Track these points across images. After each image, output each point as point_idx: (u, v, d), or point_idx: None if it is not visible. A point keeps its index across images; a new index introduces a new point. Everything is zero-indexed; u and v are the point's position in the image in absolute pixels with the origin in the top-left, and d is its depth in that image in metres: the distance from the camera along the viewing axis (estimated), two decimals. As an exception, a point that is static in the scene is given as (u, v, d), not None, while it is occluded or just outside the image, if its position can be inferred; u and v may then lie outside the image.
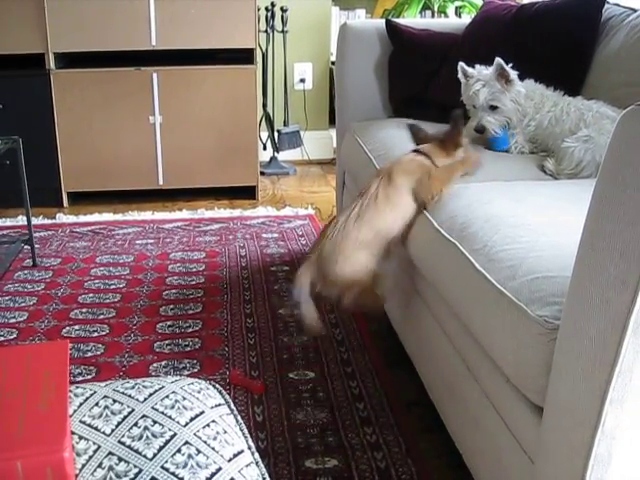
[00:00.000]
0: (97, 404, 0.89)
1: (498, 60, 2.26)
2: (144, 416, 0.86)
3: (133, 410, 0.87)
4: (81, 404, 0.89)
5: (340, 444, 1.79)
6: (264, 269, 2.88)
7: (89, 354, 2.18)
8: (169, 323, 2.39)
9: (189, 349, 2.22)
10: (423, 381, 1.89)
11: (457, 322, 1.56)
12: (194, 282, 2.73)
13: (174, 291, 2.65)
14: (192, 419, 0.88)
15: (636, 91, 2.19)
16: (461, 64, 2.33)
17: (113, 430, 0.84)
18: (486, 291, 1.37)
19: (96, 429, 0.84)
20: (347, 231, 1.81)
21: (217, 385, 1.02)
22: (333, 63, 4.64)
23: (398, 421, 1.88)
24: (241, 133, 3.71)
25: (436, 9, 4.21)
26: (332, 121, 4.79)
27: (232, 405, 0.98)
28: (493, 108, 2.29)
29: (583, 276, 1.04)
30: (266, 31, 4.12)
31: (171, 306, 2.52)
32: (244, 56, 3.62)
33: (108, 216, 3.50)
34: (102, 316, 2.43)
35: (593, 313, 1.01)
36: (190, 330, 2.35)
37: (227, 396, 1.00)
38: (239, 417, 0.96)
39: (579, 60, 2.41)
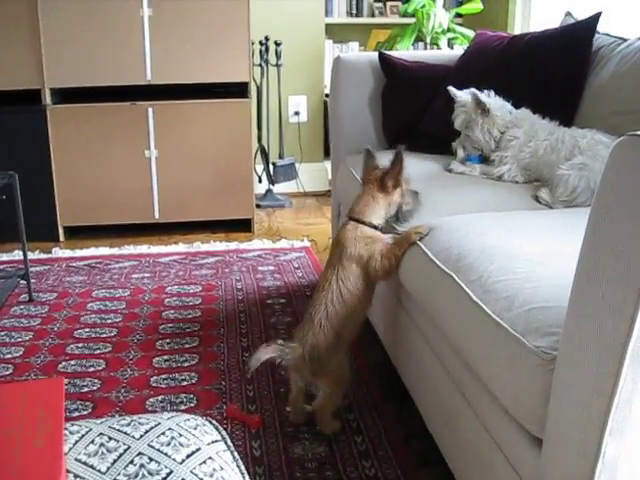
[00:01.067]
0: (93, 442, 0.88)
1: (472, 91, 2.32)
2: (140, 453, 0.85)
3: (129, 447, 0.86)
4: (76, 442, 0.88)
5: (339, 478, 1.77)
6: (260, 302, 2.87)
7: (85, 389, 2.17)
8: (165, 357, 2.38)
9: (186, 383, 2.21)
10: (422, 414, 1.88)
11: (454, 354, 1.56)
12: (190, 316, 2.73)
13: (170, 325, 2.64)
14: (188, 456, 0.87)
15: (629, 119, 2.21)
16: (450, 88, 2.38)
17: (109, 468, 0.83)
18: (483, 322, 1.37)
19: (92, 467, 0.83)
20: (326, 336, 1.85)
21: (214, 421, 1.01)
22: (327, 95, 4.71)
23: (397, 454, 1.87)
24: (236, 166, 3.73)
25: (429, 41, 4.25)
26: (327, 153, 4.83)
27: (229, 441, 0.97)
28: (468, 136, 2.40)
29: (579, 306, 1.04)
30: (260, 65, 4.16)
31: (167, 340, 2.51)
32: (239, 90, 3.65)
33: (104, 250, 3.50)
34: (98, 351, 2.42)
35: (590, 343, 1.00)
36: (187, 364, 2.33)
37: (224, 432, 0.99)
38: (236, 453, 0.95)
39: (571, 90, 2.43)
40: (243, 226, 3.85)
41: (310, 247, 3.58)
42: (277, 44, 4.15)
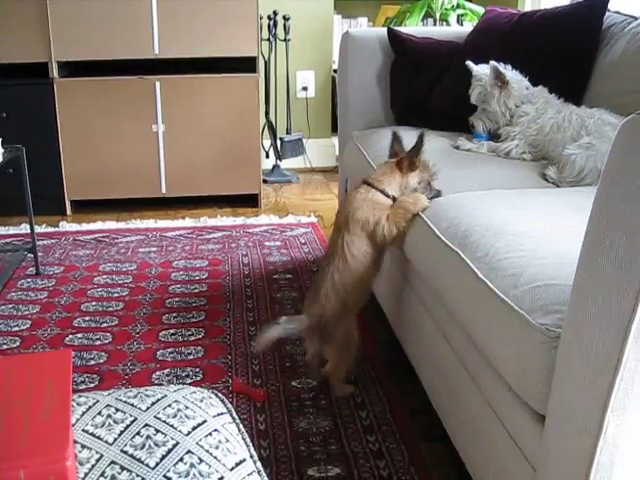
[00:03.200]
0: (100, 413, 0.89)
1: (492, 64, 2.32)
2: (146, 425, 0.86)
3: (135, 419, 0.88)
4: (84, 413, 0.89)
5: (343, 452, 1.79)
6: (267, 277, 2.88)
7: (92, 362, 2.18)
8: (172, 331, 2.39)
9: (192, 357, 2.23)
10: (426, 389, 1.89)
11: (459, 330, 1.57)
12: (197, 290, 2.74)
13: (177, 299, 2.65)
14: (194, 428, 0.88)
15: (636, 99, 2.19)
16: (468, 63, 2.38)
17: (116, 439, 0.84)
18: (488, 299, 1.38)
19: (99, 438, 0.84)
20: (332, 305, 1.88)
21: (219, 394, 1.02)
22: (335, 71, 4.68)
23: (401, 429, 1.88)
24: (244, 141, 3.72)
25: (438, 17, 4.22)
26: (334, 129, 4.80)
27: (234, 414, 0.98)
28: (484, 109, 2.39)
29: (584, 284, 1.04)
30: (268, 39, 4.14)
31: (174, 314, 2.52)
32: (247, 64, 3.64)
33: (111, 224, 3.51)
34: (105, 324, 2.44)
35: (594, 321, 1.01)
36: (193, 338, 2.35)
37: (229, 405, 1.00)
38: (241, 426, 0.96)
39: (581, 68, 2.41)
40: (250, 201, 3.85)
41: (317, 223, 3.58)
42: (285, 19, 4.13)
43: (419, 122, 2.69)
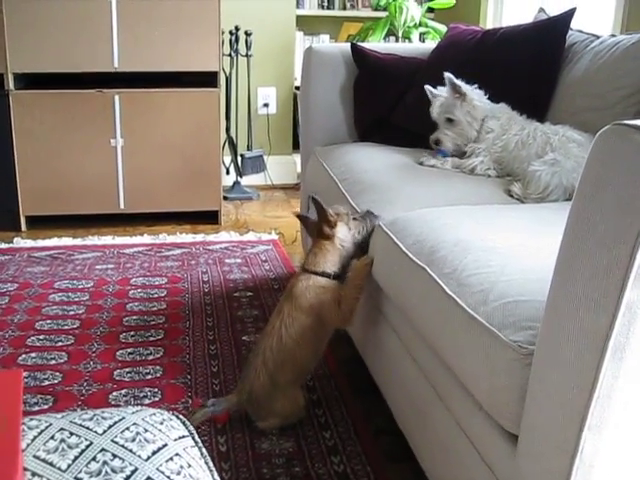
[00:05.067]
0: (53, 437, 0.83)
1: (447, 75, 2.30)
2: (103, 450, 0.81)
3: (91, 443, 0.82)
4: (35, 437, 0.83)
5: (307, 474, 1.73)
6: (227, 295, 2.83)
7: (46, 382, 2.10)
8: (129, 350, 2.32)
9: (150, 377, 2.16)
10: (391, 408, 1.85)
11: (427, 348, 1.53)
12: (155, 308, 2.67)
13: (135, 317, 2.58)
14: (154, 452, 0.82)
15: (601, 115, 2.20)
16: (427, 87, 2.35)
17: (69, 465, 0.78)
18: (457, 316, 1.35)
19: (51, 464, 0.78)
20: (262, 382, 1.83)
21: (180, 416, 0.97)
22: (297, 88, 4.67)
23: (366, 450, 1.84)
24: (204, 157, 3.67)
25: (400, 35, 4.22)
26: (296, 146, 4.79)
27: (196, 437, 0.93)
28: (449, 121, 2.36)
29: (559, 299, 1.01)
30: (230, 55, 4.10)
31: (132, 333, 2.45)
32: (208, 79, 3.59)
33: (67, 240, 3.41)
34: (60, 343, 2.35)
35: (570, 337, 0.98)
36: (151, 357, 2.28)
37: (191, 427, 0.95)
38: (204, 449, 0.91)
39: (544, 85, 2.42)
40: (210, 218, 3.79)
41: (278, 240, 3.54)
42: (247, 34, 4.10)
43: (382, 138, 2.68)
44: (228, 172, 4.35)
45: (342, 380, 2.17)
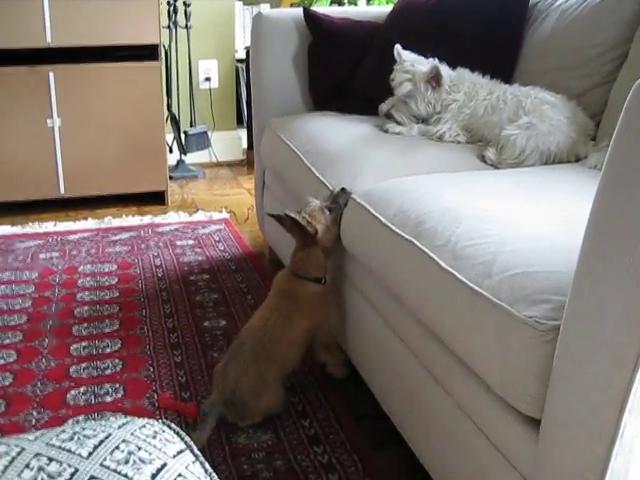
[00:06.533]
0: (28, 465, 0.68)
1: (435, 64, 2.17)
2: (93, 478, 0.67)
3: (77, 470, 0.68)
4: (6, 467, 0.68)
5: (290, 468, 1.61)
6: (183, 279, 2.67)
7: (-5, 385, 1.93)
8: (84, 344, 2.15)
9: (109, 372, 2.00)
10: (375, 394, 1.74)
11: (417, 327, 1.42)
12: (108, 297, 2.50)
13: (86, 308, 2.40)
14: (154, 476, 0.69)
15: (571, 75, 2.13)
16: (397, 47, 2.23)
17: (53, 501, 0.64)
18: (457, 292, 1.24)
19: (30, 501, 0.64)
20: (249, 379, 1.71)
21: (173, 425, 0.83)
22: (239, 61, 4.50)
23: (350, 437, 1.73)
24: (147, 135, 3.47)
25: (346, 1, 4.08)
26: (240, 121, 4.63)
27: (195, 449, 0.80)
28: (407, 103, 2.23)
29: (593, 268, 0.90)
30: (169, 26, 3.89)
31: (85, 325, 2.28)
32: (147, 53, 3.38)
33: (5, 229, 3.18)
34: (7, 340, 2.17)
35: (608, 310, 0.87)
36: (108, 350, 2.12)
37: (187, 438, 0.82)
38: (207, 464, 0.78)
39: (509, 46, 2.32)
40: (156, 199, 3.61)
41: (229, 219, 3.38)
42: (186, 4, 3.88)
43: (340, 106, 2.56)
44: (171, 150, 4.15)
45: (316, 365, 2.04)
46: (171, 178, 4.00)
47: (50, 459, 0.69)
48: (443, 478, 1.39)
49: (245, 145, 4.47)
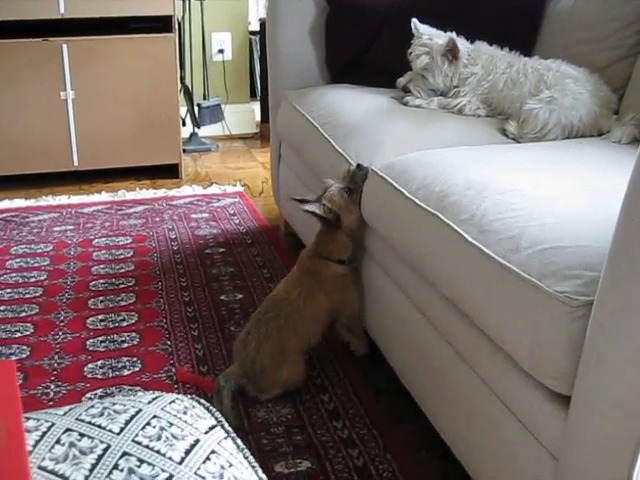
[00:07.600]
0: (59, 441, 0.67)
1: (451, 37, 2.13)
2: (125, 454, 0.66)
3: (109, 446, 0.67)
4: (37, 442, 0.67)
5: (310, 443, 1.61)
6: (198, 252, 2.66)
7: (13, 358, 1.92)
8: (100, 317, 2.15)
9: (127, 345, 2.00)
10: (394, 368, 1.73)
11: (444, 303, 1.40)
12: (123, 270, 2.49)
13: (102, 281, 2.40)
14: (187, 452, 0.68)
15: (592, 49, 2.09)
16: (414, 21, 2.18)
17: (87, 477, 0.63)
18: (484, 266, 1.22)
19: (62, 477, 0.63)
20: (270, 350, 1.71)
21: (202, 400, 0.82)
22: (252, 33, 4.45)
23: (369, 412, 1.72)
24: (161, 107, 3.44)
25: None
26: (253, 94, 4.59)
27: (226, 425, 0.78)
28: (425, 77, 2.19)
29: (628, 241, 0.88)
30: (182, -3, 3.85)
31: (101, 298, 2.27)
32: (161, 24, 3.35)
33: (19, 202, 3.17)
34: (24, 314, 2.17)
35: (646, 287, 0.85)
36: (125, 324, 2.11)
37: (217, 413, 0.80)
38: (238, 440, 0.76)
39: (530, 19, 2.27)
40: (169, 172, 3.59)
41: (244, 192, 3.36)
42: (199, -24, 3.85)
43: (358, 79, 2.52)
44: (184, 123, 4.12)
45: (334, 339, 2.03)
46: (184, 151, 3.96)
47: (81, 435, 0.68)
48: (466, 453, 1.38)
49: (258, 118, 4.43)
